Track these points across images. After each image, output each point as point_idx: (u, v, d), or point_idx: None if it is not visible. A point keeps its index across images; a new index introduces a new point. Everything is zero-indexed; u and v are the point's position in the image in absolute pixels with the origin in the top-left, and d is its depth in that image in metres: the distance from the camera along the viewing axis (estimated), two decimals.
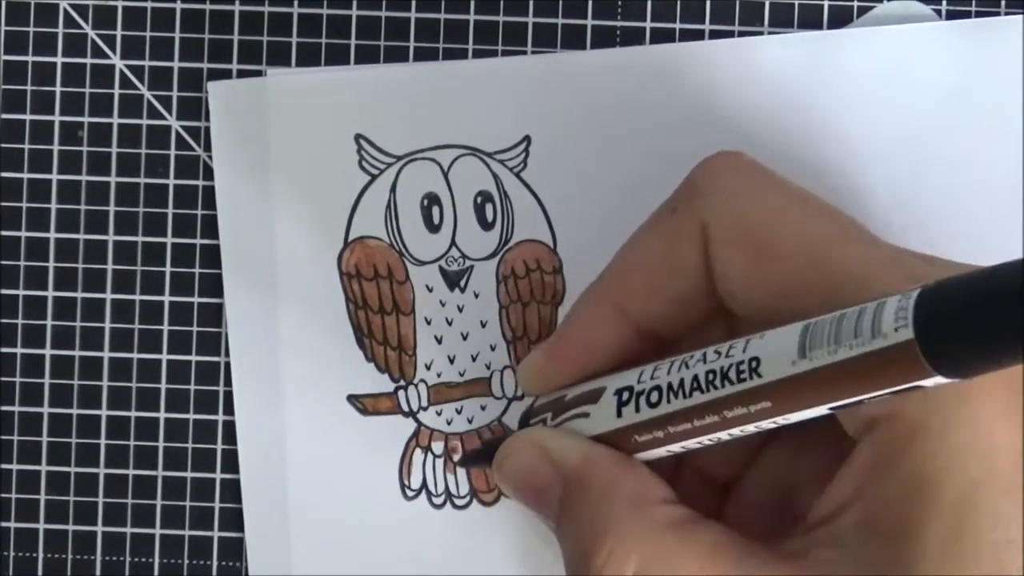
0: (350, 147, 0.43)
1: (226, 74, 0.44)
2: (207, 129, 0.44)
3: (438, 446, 0.44)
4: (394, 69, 0.44)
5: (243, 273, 0.43)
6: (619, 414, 0.35)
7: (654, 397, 0.35)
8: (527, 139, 0.43)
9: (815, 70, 0.43)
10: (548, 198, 0.43)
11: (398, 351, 0.44)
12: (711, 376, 0.33)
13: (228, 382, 0.44)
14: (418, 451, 0.44)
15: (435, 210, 0.43)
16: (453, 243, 0.43)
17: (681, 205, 0.36)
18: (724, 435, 0.34)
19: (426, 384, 0.44)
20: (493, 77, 0.43)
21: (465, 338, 0.44)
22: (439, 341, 0.44)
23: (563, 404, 0.37)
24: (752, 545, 0.34)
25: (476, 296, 0.44)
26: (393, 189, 0.43)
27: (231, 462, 0.44)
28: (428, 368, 0.44)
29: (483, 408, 0.44)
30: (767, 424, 0.33)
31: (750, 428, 0.33)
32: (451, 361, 0.44)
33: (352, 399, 0.44)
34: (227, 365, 0.44)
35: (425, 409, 0.44)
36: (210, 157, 0.44)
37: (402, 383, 0.44)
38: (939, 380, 0.30)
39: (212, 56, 0.44)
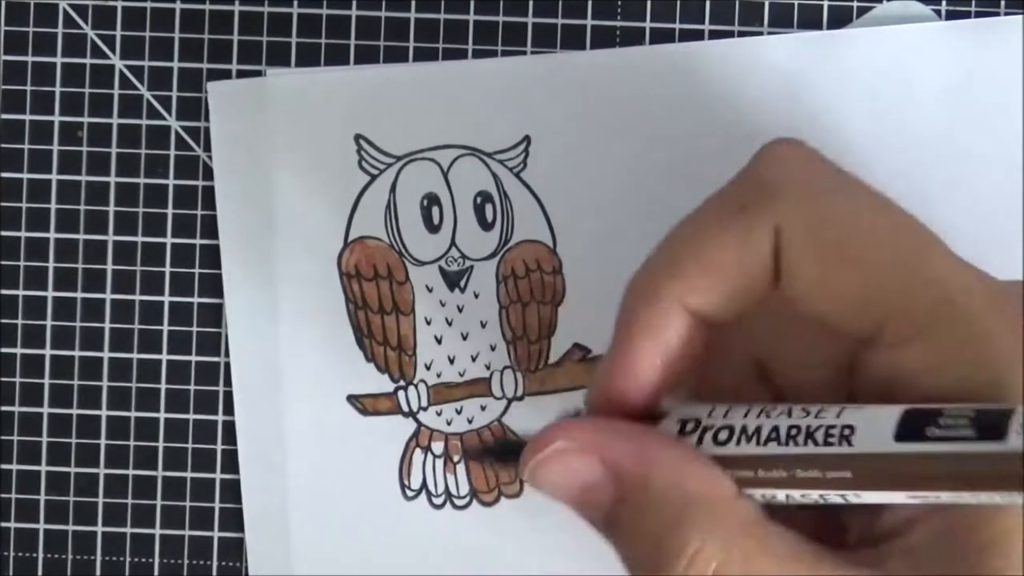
0: (350, 147, 0.43)
1: (226, 74, 0.44)
2: (207, 129, 0.44)
3: (438, 446, 0.44)
4: (394, 69, 0.44)
5: (243, 273, 0.43)
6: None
7: (723, 436, 0.32)
8: (527, 139, 0.43)
9: (815, 70, 0.43)
10: (548, 198, 0.43)
11: (398, 351, 0.44)
12: (794, 431, 0.31)
13: (228, 382, 0.44)
14: (418, 451, 0.44)
15: (435, 210, 0.43)
16: (453, 243, 0.43)
17: (751, 203, 0.33)
18: (783, 494, 0.32)
19: (426, 384, 0.44)
20: (493, 77, 0.43)
21: (465, 338, 0.44)
22: (439, 341, 0.44)
23: None
24: (824, 550, 0.32)
25: (476, 296, 0.44)
26: (393, 189, 0.43)
27: (231, 462, 0.44)
28: (428, 368, 0.44)
29: (483, 408, 0.44)
30: (834, 497, 0.31)
31: (814, 495, 0.31)
32: (451, 361, 0.44)
33: (352, 399, 0.44)
34: (227, 365, 0.44)
35: (425, 409, 0.44)
36: (210, 157, 0.44)
37: (402, 383, 0.44)
38: None
39: (212, 56, 0.44)
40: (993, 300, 0.31)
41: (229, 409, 0.44)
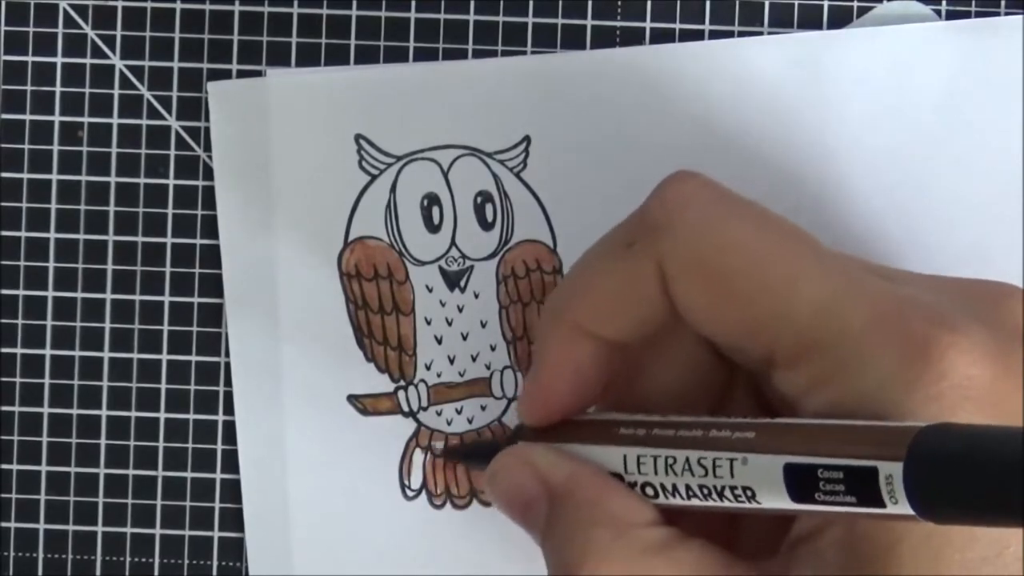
0: (350, 147, 0.43)
1: (226, 74, 0.44)
2: (207, 129, 0.44)
3: (438, 446, 0.44)
4: (394, 69, 0.44)
5: (243, 273, 0.43)
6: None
7: (649, 492, 0.35)
8: (527, 139, 0.43)
9: (815, 70, 0.43)
10: (548, 198, 0.43)
11: (398, 351, 0.44)
12: (705, 491, 0.34)
13: (228, 382, 0.44)
14: (418, 451, 0.44)
15: (435, 210, 0.43)
16: (453, 243, 0.43)
17: (638, 240, 0.35)
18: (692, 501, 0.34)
19: (426, 384, 0.44)
20: (493, 77, 0.43)
21: (465, 338, 0.44)
22: (439, 341, 0.44)
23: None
24: (734, 564, 0.34)
25: (476, 296, 0.44)
26: (393, 189, 0.43)
27: (231, 462, 0.44)
28: (428, 368, 0.44)
29: (483, 408, 0.44)
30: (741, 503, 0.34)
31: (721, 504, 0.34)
32: (451, 361, 0.44)
33: (352, 399, 0.44)
34: (227, 365, 0.44)
35: (425, 409, 0.44)
36: (210, 157, 0.44)
37: (402, 383, 0.44)
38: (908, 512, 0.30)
39: (212, 56, 0.44)
40: (873, 316, 0.33)
41: (229, 409, 0.44)
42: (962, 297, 0.34)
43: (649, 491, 0.35)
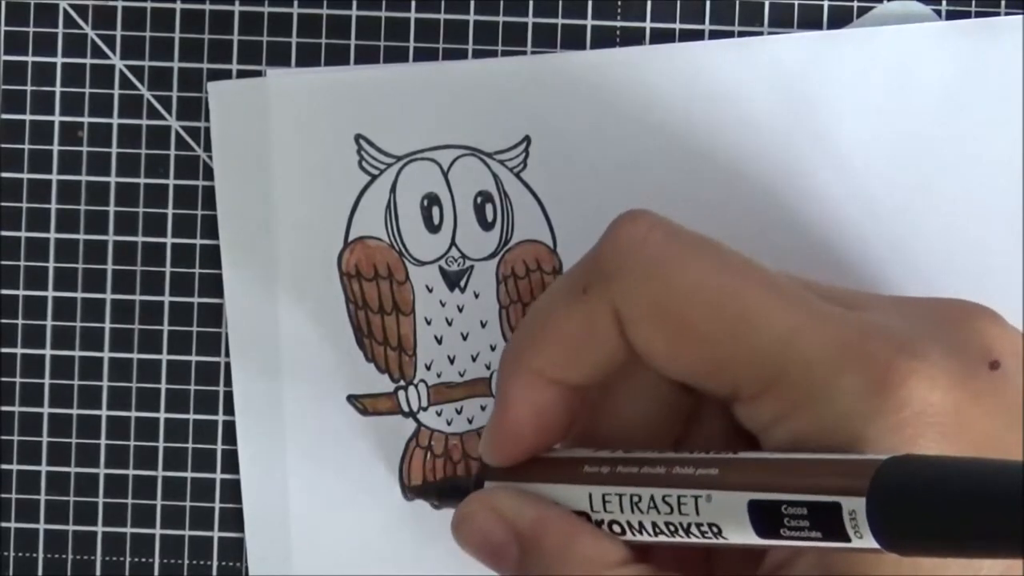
0: (350, 147, 0.43)
1: (226, 74, 0.44)
2: (207, 129, 0.44)
3: (438, 446, 0.44)
4: (394, 69, 0.44)
5: (243, 273, 0.43)
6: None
7: (616, 529, 0.35)
8: (527, 139, 0.43)
9: (814, 70, 0.43)
10: (548, 198, 0.43)
11: (398, 351, 0.44)
12: (671, 528, 0.34)
13: (228, 382, 0.44)
14: (418, 451, 0.44)
15: (435, 210, 0.43)
16: (453, 243, 0.44)
17: (591, 287, 0.35)
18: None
19: (426, 384, 0.44)
20: (493, 77, 0.43)
21: (465, 338, 0.44)
22: (439, 341, 0.44)
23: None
24: None
25: (476, 296, 0.44)
26: (393, 189, 0.43)
27: (231, 462, 0.44)
28: (428, 368, 0.44)
29: (483, 408, 0.44)
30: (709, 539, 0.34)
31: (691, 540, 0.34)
32: (451, 361, 0.44)
33: (352, 399, 0.44)
34: (227, 365, 0.44)
35: (425, 409, 0.44)
36: (210, 157, 0.44)
37: (402, 383, 0.44)
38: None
39: (212, 56, 0.44)
40: (834, 347, 0.33)
41: (229, 409, 0.44)
42: (927, 320, 0.34)
43: (616, 528, 0.35)
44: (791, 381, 0.33)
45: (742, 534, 0.32)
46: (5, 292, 0.44)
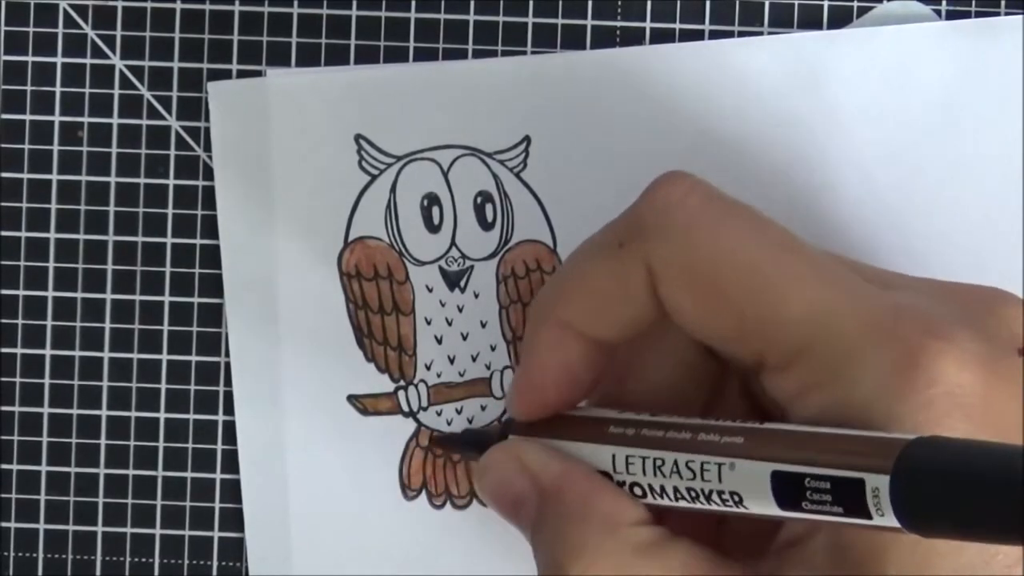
0: (350, 147, 0.43)
1: (226, 74, 0.44)
2: (207, 129, 0.44)
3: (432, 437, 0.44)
4: (394, 69, 0.44)
5: (243, 273, 0.43)
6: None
7: (638, 492, 0.35)
8: (527, 139, 0.43)
9: (815, 70, 0.43)
10: (548, 198, 0.43)
11: (398, 351, 0.44)
12: (693, 494, 0.34)
13: (228, 382, 0.44)
14: (418, 451, 0.44)
15: (435, 210, 0.44)
16: (453, 243, 0.44)
17: (627, 241, 0.35)
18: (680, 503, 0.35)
19: (426, 384, 0.44)
20: (493, 77, 0.43)
21: (465, 338, 0.44)
22: (439, 341, 0.44)
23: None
24: (723, 564, 0.34)
25: (476, 296, 0.44)
26: (393, 189, 0.43)
27: (231, 462, 0.44)
28: (428, 368, 0.44)
29: (483, 408, 0.44)
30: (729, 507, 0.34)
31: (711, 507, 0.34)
32: (451, 361, 0.44)
33: (352, 399, 0.44)
34: (227, 365, 0.44)
35: (425, 409, 0.44)
36: (210, 157, 0.44)
37: (402, 383, 0.44)
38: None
39: (212, 56, 0.44)
40: (865, 323, 0.33)
41: (229, 409, 0.44)
42: (957, 303, 0.34)
43: (637, 491, 0.35)
44: (820, 354, 0.33)
45: (763, 504, 0.32)
46: (5, 292, 0.44)
